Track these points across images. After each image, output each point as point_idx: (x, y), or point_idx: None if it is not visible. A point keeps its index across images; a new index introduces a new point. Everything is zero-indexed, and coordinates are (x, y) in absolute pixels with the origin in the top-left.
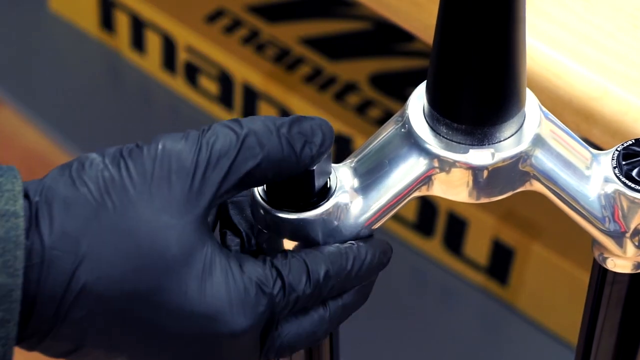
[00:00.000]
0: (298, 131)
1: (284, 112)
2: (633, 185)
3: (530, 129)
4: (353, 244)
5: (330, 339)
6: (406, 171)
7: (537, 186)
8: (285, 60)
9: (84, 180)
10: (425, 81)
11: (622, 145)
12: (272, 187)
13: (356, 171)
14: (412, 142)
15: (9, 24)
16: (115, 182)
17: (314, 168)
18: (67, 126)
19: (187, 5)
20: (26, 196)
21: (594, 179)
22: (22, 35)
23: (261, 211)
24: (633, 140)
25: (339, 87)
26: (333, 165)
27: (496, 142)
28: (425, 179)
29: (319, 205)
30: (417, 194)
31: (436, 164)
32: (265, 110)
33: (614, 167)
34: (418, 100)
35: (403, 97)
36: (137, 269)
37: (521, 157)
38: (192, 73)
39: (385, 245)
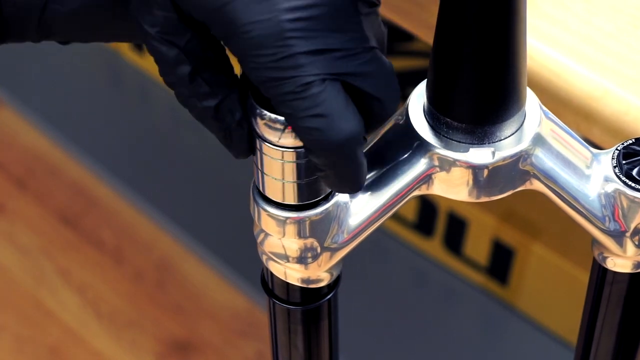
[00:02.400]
0: None
1: None
2: (633, 185)
3: (531, 128)
4: None
5: (329, 338)
6: (406, 170)
7: (537, 185)
8: None
9: None
10: (425, 80)
11: (622, 144)
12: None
13: None
14: (412, 140)
15: None
16: None
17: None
18: (67, 126)
19: None
20: None
21: (594, 178)
22: None
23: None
24: (633, 140)
25: None
26: None
27: (496, 141)
28: (425, 178)
29: (320, 205)
30: (417, 193)
31: (436, 163)
32: None
33: (614, 167)
34: (418, 99)
35: (403, 97)
36: None
37: (521, 156)
38: None
39: None
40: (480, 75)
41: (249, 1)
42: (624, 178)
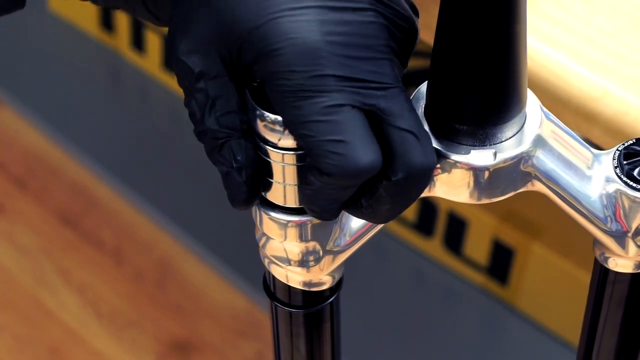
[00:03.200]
0: None
1: None
2: (634, 185)
3: (532, 130)
4: None
5: (332, 341)
6: None
7: (538, 187)
8: None
9: None
10: (426, 81)
11: (623, 144)
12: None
13: None
14: None
15: (9, 24)
16: None
17: None
18: (67, 126)
19: None
20: None
21: (595, 179)
22: (22, 35)
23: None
24: (634, 140)
25: None
26: None
27: (497, 143)
28: None
29: None
30: None
31: (437, 165)
32: None
33: (615, 167)
34: (419, 100)
35: None
36: None
37: (522, 158)
38: None
39: None
40: (481, 77)
41: (285, 21)
42: (625, 178)
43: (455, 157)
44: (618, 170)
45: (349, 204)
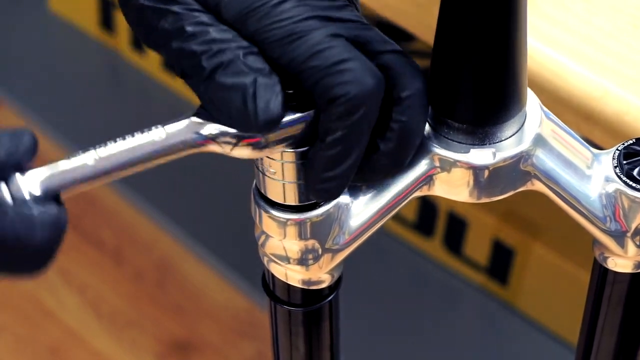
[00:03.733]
0: None
1: None
2: (634, 185)
3: (531, 129)
4: None
5: (331, 339)
6: (407, 171)
7: (538, 186)
8: None
9: None
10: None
11: (623, 144)
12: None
13: None
14: None
15: (9, 24)
16: None
17: None
18: (67, 126)
19: None
20: None
21: (595, 178)
22: (22, 35)
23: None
24: (634, 140)
25: None
26: None
27: (497, 142)
28: (426, 179)
29: (320, 206)
30: (418, 193)
31: (437, 164)
32: None
33: (615, 167)
34: None
35: None
36: None
37: (522, 157)
38: None
39: None
40: (481, 76)
41: None
42: (624, 178)
43: (454, 156)
44: (618, 170)
45: (362, 165)
